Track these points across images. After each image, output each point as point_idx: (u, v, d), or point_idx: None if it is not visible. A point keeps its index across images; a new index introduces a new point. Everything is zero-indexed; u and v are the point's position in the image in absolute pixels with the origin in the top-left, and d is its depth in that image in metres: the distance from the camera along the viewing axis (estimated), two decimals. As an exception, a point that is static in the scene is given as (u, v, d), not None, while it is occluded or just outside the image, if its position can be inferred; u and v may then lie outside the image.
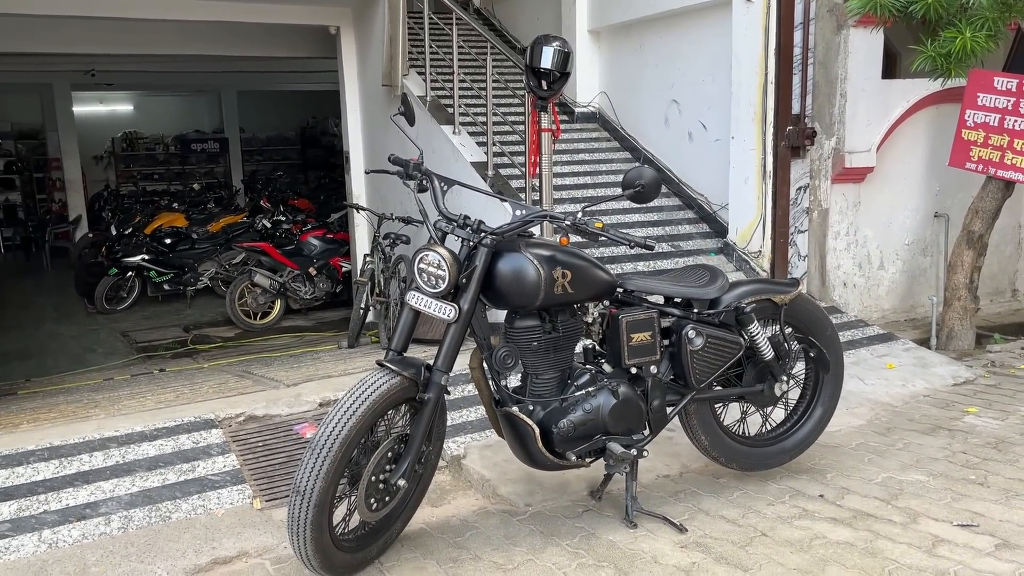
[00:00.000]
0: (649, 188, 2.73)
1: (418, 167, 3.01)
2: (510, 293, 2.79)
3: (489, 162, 5.82)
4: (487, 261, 2.76)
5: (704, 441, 3.23)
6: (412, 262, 2.77)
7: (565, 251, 2.87)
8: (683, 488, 3.38)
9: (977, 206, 5.45)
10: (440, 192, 2.95)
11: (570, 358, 2.98)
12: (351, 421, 2.54)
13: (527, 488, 3.35)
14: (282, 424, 3.90)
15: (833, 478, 3.42)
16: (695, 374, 3.02)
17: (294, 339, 9.07)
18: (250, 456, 3.62)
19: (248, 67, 13.81)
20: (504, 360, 2.84)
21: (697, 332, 3.00)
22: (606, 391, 2.93)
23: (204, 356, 8.19)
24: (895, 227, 6.04)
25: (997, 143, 5.37)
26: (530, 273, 2.76)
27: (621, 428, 2.94)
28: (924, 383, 4.57)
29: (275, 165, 18.78)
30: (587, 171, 6.81)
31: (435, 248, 2.72)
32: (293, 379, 4.68)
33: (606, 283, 2.96)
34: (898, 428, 3.98)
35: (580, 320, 2.98)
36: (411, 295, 2.80)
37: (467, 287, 2.74)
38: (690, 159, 6.55)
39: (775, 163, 5.49)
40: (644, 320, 2.97)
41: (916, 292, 6.19)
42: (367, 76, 8.13)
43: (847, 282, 5.94)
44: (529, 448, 2.89)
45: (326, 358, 6.03)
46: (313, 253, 9.94)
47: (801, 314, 3.32)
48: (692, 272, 3.21)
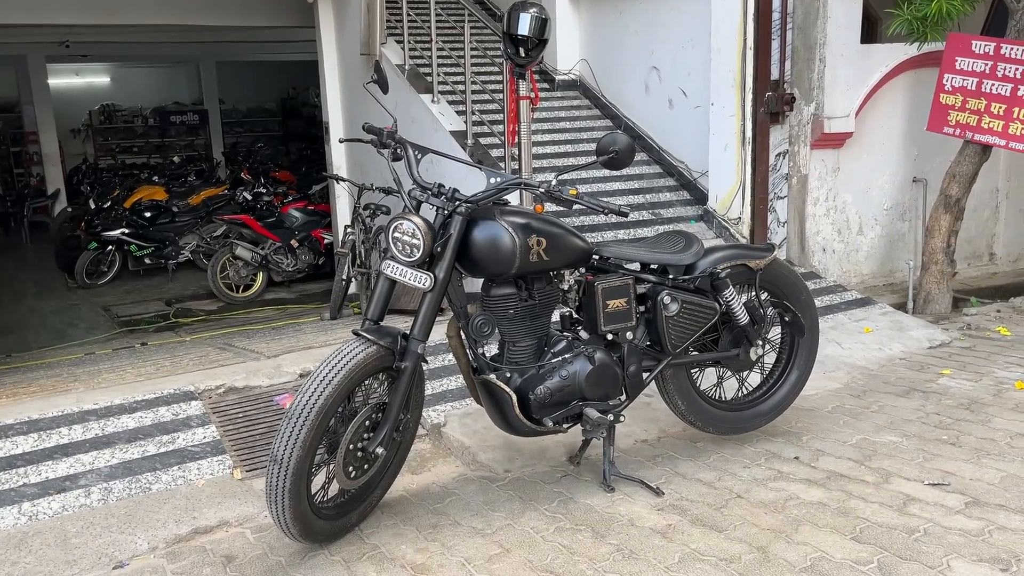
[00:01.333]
0: (623, 154, 2.73)
1: (392, 135, 2.99)
2: (485, 261, 2.80)
3: (468, 131, 5.79)
4: (462, 229, 2.76)
5: (681, 406, 3.26)
6: (386, 231, 2.77)
7: (540, 219, 2.87)
8: (661, 452, 3.42)
9: (954, 170, 5.48)
10: (414, 160, 2.93)
11: (547, 325, 3.00)
12: (327, 390, 2.55)
13: (506, 455, 3.38)
14: (262, 395, 3.91)
15: (808, 440, 3.47)
16: (671, 340, 3.04)
17: (276, 311, 9.05)
18: (230, 427, 3.63)
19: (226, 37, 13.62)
20: (481, 328, 2.85)
21: (672, 298, 3.02)
22: (582, 357, 2.95)
23: (186, 330, 8.16)
24: (874, 192, 6.07)
25: (974, 107, 5.38)
26: (505, 241, 2.76)
27: (598, 394, 2.97)
28: (900, 346, 4.62)
29: (256, 137, 18.60)
30: (568, 139, 6.79)
31: (409, 217, 2.71)
32: (273, 351, 4.68)
33: (581, 250, 2.97)
34: (874, 391, 4.03)
35: (556, 288, 2.99)
36: (386, 264, 2.80)
37: (442, 256, 2.74)
38: (670, 126, 6.54)
39: (754, 129, 5.49)
40: (619, 287, 2.99)
41: (895, 257, 6.24)
42: (345, 45, 8.04)
43: (826, 247, 5.98)
44: (507, 415, 2.91)
45: (308, 330, 6.03)
46: (295, 225, 9.88)
47: (776, 279, 3.34)
48: (668, 238, 3.22)
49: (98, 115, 17.74)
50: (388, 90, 3.09)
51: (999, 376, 4.12)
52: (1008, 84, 5.24)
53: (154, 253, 10.66)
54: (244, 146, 17.52)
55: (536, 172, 5.65)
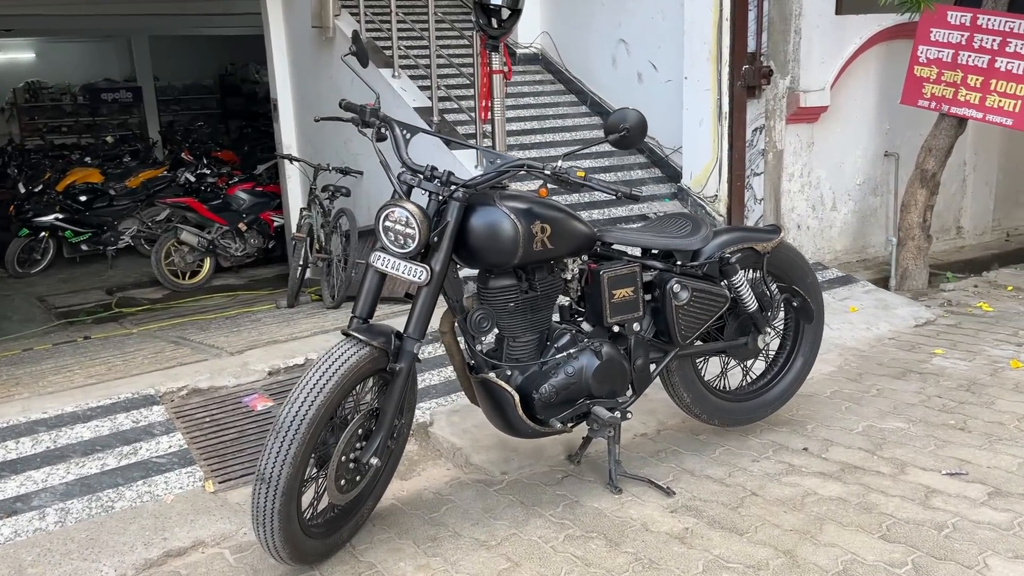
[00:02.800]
0: (634, 131, 2.50)
1: (375, 113, 2.72)
2: (485, 250, 2.56)
3: (434, 107, 5.50)
4: (459, 216, 2.51)
5: (686, 398, 3.08)
6: (376, 220, 2.51)
7: (543, 203, 2.64)
8: (663, 447, 3.24)
9: (930, 144, 5.40)
10: (403, 141, 2.67)
11: (549, 318, 2.78)
12: (318, 399, 2.29)
13: (501, 455, 3.17)
14: (229, 396, 3.62)
15: (814, 429, 3.33)
16: (680, 330, 2.85)
17: (227, 299, 8.65)
18: (197, 433, 3.33)
19: (159, 10, 12.97)
20: (480, 323, 2.62)
21: (682, 286, 2.82)
22: (588, 352, 2.74)
23: (131, 320, 7.73)
24: (847, 167, 5.97)
25: (950, 79, 5.30)
26: (506, 228, 2.53)
27: (605, 390, 2.76)
28: (887, 325, 4.53)
29: (194, 115, 17.87)
30: (533, 115, 6.54)
31: (402, 203, 2.46)
32: (236, 346, 4.37)
33: (585, 236, 2.75)
34: (869, 373, 3.91)
35: (558, 277, 2.77)
36: (376, 256, 2.54)
37: (438, 246, 2.49)
38: (640, 101, 6.32)
39: (731, 104, 5.32)
40: (626, 275, 2.78)
41: (867, 232, 6.17)
42: (294, 17, 7.63)
43: (801, 224, 5.87)
44: (508, 416, 2.69)
45: (266, 320, 5.71)
46: (242, 207, 9.46)
47: (783, 262, 3.17)
48: (672, 221, 3.02)
49: (23, 93, 16.81)
50: (368, 62, 2.81)
51: (992, 355, 4.04)
52: (985, 56, 5.16)
53: (91, 239, 10.12)
54: (181, 125, 16.80)
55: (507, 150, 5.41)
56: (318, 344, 4.08)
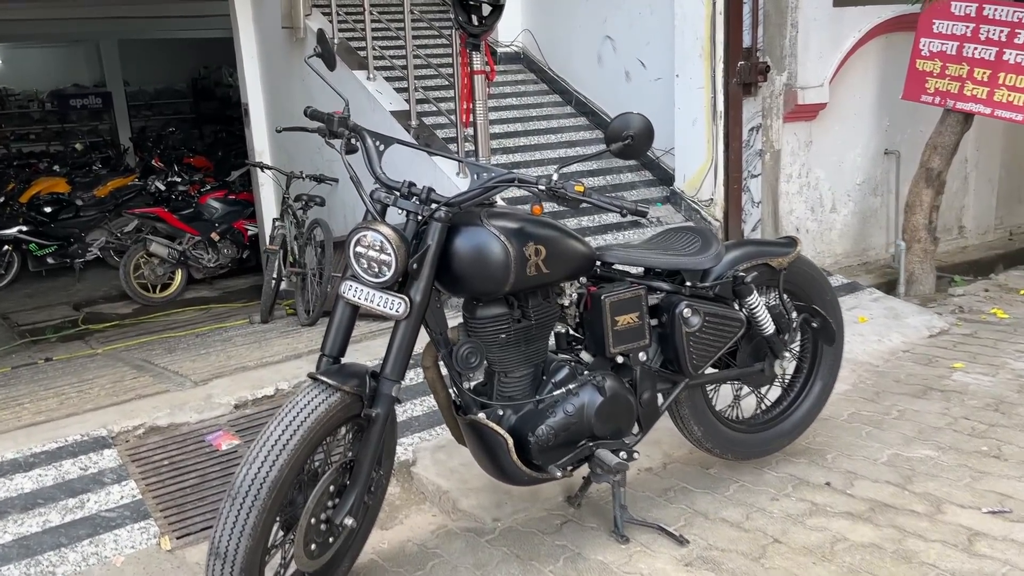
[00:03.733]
0: (640, 139, 2.20)
1: (344, 122, 2.40)
2: (472, 277, 2.25)
3: (412, 110, 5.17)
4: (442, 239, 2.20)
5: (697, 432, 2.78)
6: (347, 245, 2.19)
7: (537, 222, 2.33)
8: (671, 484, 2.94)
9: (935, 141, 5.14)
10: (376, 153, 2.35)
11: (544, 349, 2.47)
12: (282, 457, 1.97)
13: (493, 499, 2.85)
14: (191, 435, 3.28)
15: (835, 459, 3.04)
16: (692, 359, 2.54)
17: (200, 312, 8.28)
18: (154, 479, 3.00)
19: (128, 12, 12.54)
20: (467, 359, 2.31)
21: (693, 310, 2.52)
22: (590, 387, 2.43)
23: (98, 338, 7.35)
24: (846, 166, 5.70)
25: (955, 73, 5.04)
26: (496, 251, 2.21)
27: (609, 430, 2.46)
28: (900, 336, 4.25)
29: (166, 120, 17.40)
30: (516, 117, 6.23)
31: (375, 226, 2.14)
32: (201, 373, 4.02)
33: (584, 257, 2.44)
34: (887, 392, 3.63)
35: (554, 303, 2.46)
36: (347, 287, 2.22)
37: (419, 273, 2.17)
38: (627, 100, 6.03)
39: (726, 102, 5.03)
40: (631, 299, 2.47)
41: (867, 234, 5.90)
42: (264, 18, 7.28)
43: (800, 227, 5.59)
44: (501, 462, 2.38)
45: (237, 339, 5.36)
46: (214, 217, 9.09)
47: (800, 279, 2.88)
48: (678, 237, 2.71)
49: (-12, 100, 16.31)
50: (335, 65, 2.49)
51: (1016, 369, 3.77)
52: (992, 48, 4.90)
53: (57, 252, 9.70)
54: (153, 131, 16.34)
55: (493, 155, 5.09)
56: (289, 371, 3.75)
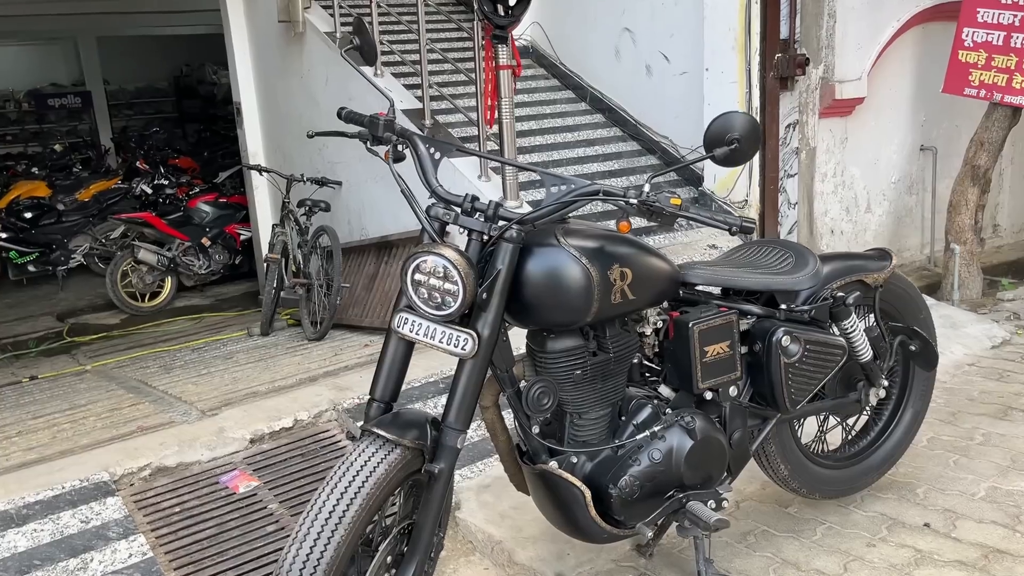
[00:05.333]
0: (747, 143, 1.88)
1: (391, 125, 2.06)
2: (548, 307, 1.92)
3: (426, 108, 4.82)
4: (514, 262, 1.86)
5: (783, 471, 2.46)
6: (404, 270, 1.85)
7: (619, 239, 2.00)
8: (750, 527, 2.62)
9: (982, 137, 4.85)
10: (431, 163, 2.01)
11: (622, 386, 2.14)
12: (338, 533, 1.64)
13: (553, 550, 2.52)
14: (204, 475, 2.93)
15: (927, 494, 2.73)
16: (790, 393, 2.22)
17: (192, 322, 7.90)
18: (165, 532, 2.65)
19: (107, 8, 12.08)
20: (539, 400, 1.98)
21: (792, 337, 2.20)
22: (677, 429, 2.11)
23: (85, 352, 6.96)
24: (882, 164, 5.41)
25: (1002, 64, 4.75)
26: (577, 276, 1.89)
27: (700, 477, 2.13)
28: (962, 348, 3.96)
29: (148, 120, 16.90)
30: (529, 115, 5.88)
31: (438, 249, 1.80)
32: (207, 400, 3.67)
33: (670, 279, 2.12)
34: (964, 412, 3.33)
35: (634, 332, 2.14)
36: (402, 320, 1.88)
37: (487, 303, 1.84)
38: (649, 97, 5.72)
39: (763, 98, 4.72)
40: (722, 326, 2.15)
41: (902, 235, 5.62)
42: (258, 12, 6.89)
43: (834, 229, 5.30)
44: (576, 517, 2.05)
45: (240, 356, 5.00)
46: (205, 221, 8.70)
47: (895, 296, 2.57)
48: (766, 252, 2.40)
49: (-37, 102, 15.76)
50: (376, 58, 2.15)
51: (1098, 384, 3.49)
52: (1043, 37, 4.62)
53: (39, 259, 9.25)
54: (136, 130, 15.84)
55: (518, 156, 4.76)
56: (307, 399, 3.40)
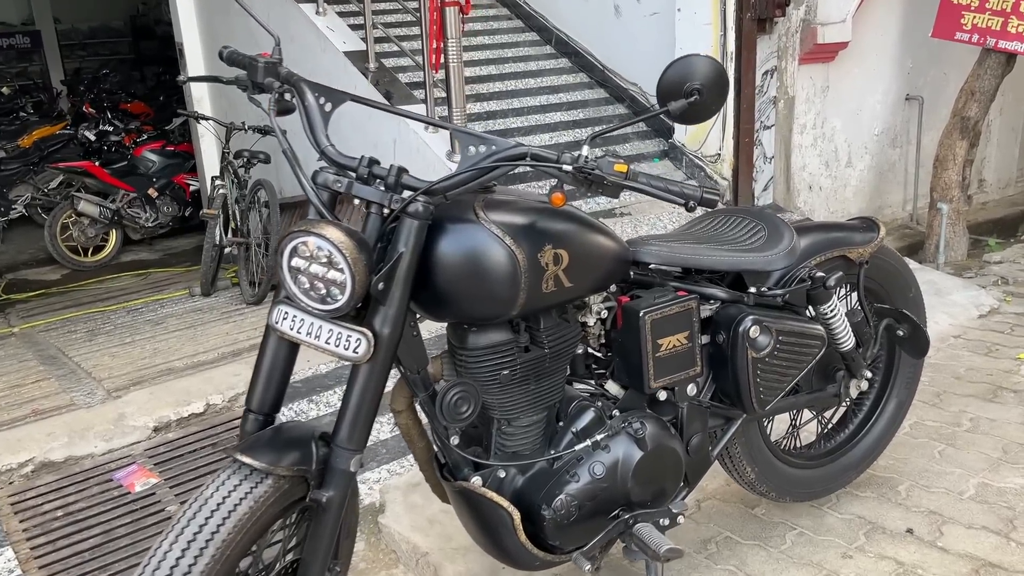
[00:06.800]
0: (711, 94, 1.52)
1: (273, 69, 1.66)
2: (464, 298, 1.56)
3: (370, 51, 4.38)
4: (420, 243, 1.50)
5: (750, 474, 2.15)
6: (279, 254, 1.48)
7: (557, 215, 1.63)
8: (711, 533, 2.31)
9: (972, 86, 4.50)
10: (320, 115, 1.62)
11: (560, 387, 1.79)
12: (181, 594, 1.29)
13: (485, 563, 2.20)
14: (95, 472, 2.58)
15: (909, 492, 2.44)
16: (759, 392, 1.89)
17: (137, 278, 7.45)
18: (43, 542, 2.30)
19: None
20: (456, 407, 1.63)
21: (762, 327, 1.85)
22: (625, 437, 1.77)
23: (20, 311, 6.53)
24: (864, 115, 5.05)
25: (997, 6, 4.38)
26: (499, 260, 1.53)
27: (650, 493, 1.81)
28: (947, 318, 3.66)
29: (103, 61, 16.12)
30: (489, 59, 5.45)
31: (319, 228, 1.42)
32: (118, 376, 3.30)
33: (618, 260, 1.76)
34: (950, 393, 3.04)
35: (575, 323, 1.78)
36: (281, 314, 1.51)
37: (387, 295, 1.47)
38: (617, 40, 5.29)
39: (739, 41, 4.32)
40: (679, 314, 1.80)
41: (884, 190, 5.30)
42: (196, -57, 6.34)
43: (813, 184, 4.96)
44: (504, 542, 1.73)
45: (171, 322, 4.61)
46: (151, 171, 8.19)
47: (881, 273, 2.23)
48: (733, 223, 2.03)
49: (-98, 41, 14.91)
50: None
51: (1094, 360, 3.20)
52: (1044, -23, 4.24)
53: (-23, 210, 8.73)
54: (89, 73, 15.10)
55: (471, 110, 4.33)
56: (223, 380, 3.04)
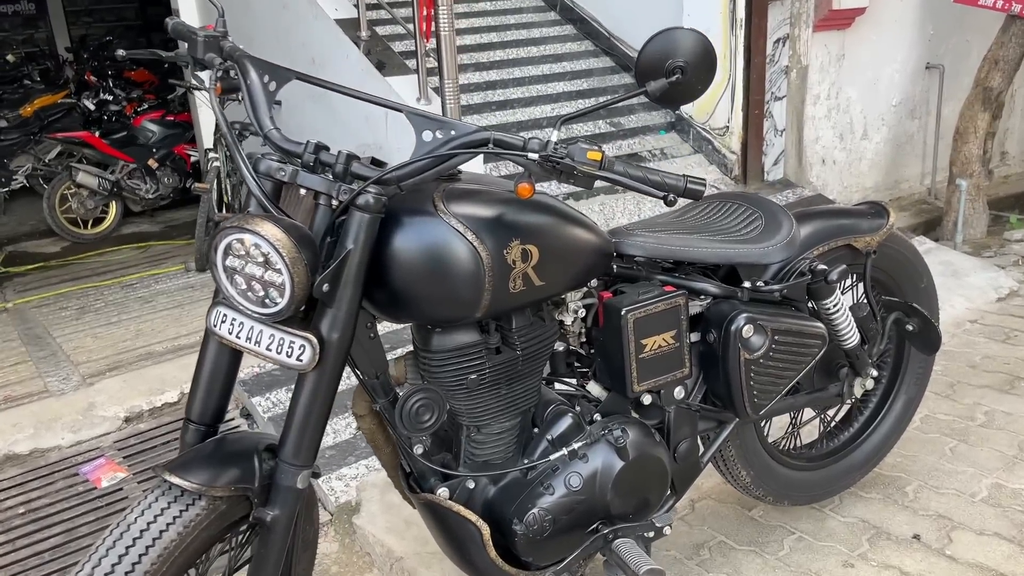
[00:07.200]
0: (696, 72, 1.36)
1: (216, 44, 1.51)
2: (421, 299, 1.41)
3: (361, 18, 4.18)
4: (371, 238, 1.35)
5: (745, 477, 2.01)
6: (212, 250, 1.33)
7: (527, 206, 1.48)
8: (705, 537, 2.18)
9: (996, 55, 4.28)
10: (264, 94, 1.47)
11: (535, 390, 1.65)
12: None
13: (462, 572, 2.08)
14: (61, 465, 2.47)
15: (917, 494, 2.29)
16: (752, 396, 1.74)
17: (138, 251, 7.36)
18: (2, 541, 2.19)
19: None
20: (418, 415, 1.49)
21: (756, 326, 1.70)
22: (604, 446, 1.63)
23: (17, 285, 6.46)
24: (882, 85, 4.83)
25: (1024, -30, 4.14)
26: (459, 259, 1.38)
27: (632, 506, 1.67)
28: (964, 301, 3.48)
29: (109, 28, 15.94)
30: (489, 26, 5.25)
31: (254, 224, 1.27)
32: (97, 361, 3.19)
33: (597, 253, 1.60)
34: (964, 383, 2.87)
35: (551, 322, 1.63)
36: (219, 316, 1.38)
37: (334, 296, 1.33)
38: (625, 6, 5.07)
39: (749, 7, 4.11)
40: (665, 312, 1.65)
41: (901, 164, 5.08)
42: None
43: (826, 158, 4.75)
44: (473, 558, 1.61)
45: (160, 300, 4.49)
46: (151, 141, 8.06)
47: (890, 263, 2.06)
48: (728, 211, 1.87)
49: (-93, 8, 14.76)
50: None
51: (1119, 348, 3.03)
52: (1075, -63, 3.99)
53: (-23, 181, 8.65)
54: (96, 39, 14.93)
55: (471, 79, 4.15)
56: (203, 365, 2.91)
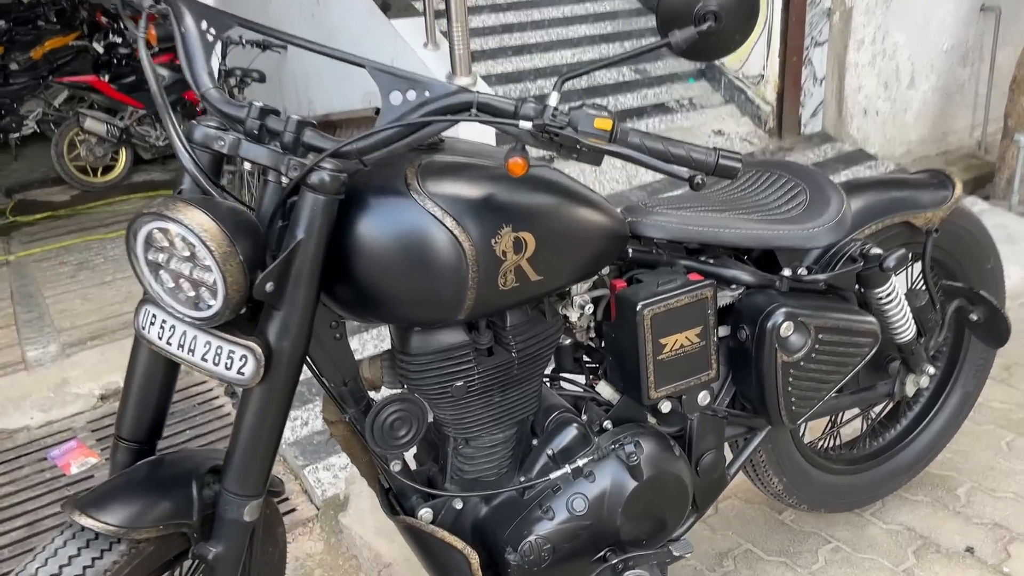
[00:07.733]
0: (732, 19, 1.07)
1: (148, -19, 1.25)
2: (392, 297, 1.16)
3: (367, -45, 3.87)
4: (329, 224, 1.09)
5: (777, 484, 1.77)
6: (128, 236, 1.09)
7: (522, 183, 1.21)
8: (730, 545, 1.95)
9: (1063, -5, 3.88)
10: (201, 43, 1.21)
11: (534, 396, 1.40)
12: None
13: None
14: (30, 447, 2.28)
15: (970, 497, 2.04)
16: (789, 403, 1.48)
17: (147, 200, 7.20)
18: (-43, 535, 2.02)
19: None
20: (393, 428, 1.25)
21: (796, 322, 1.44)
22: (615, 462, 1.39)
23: (24, 235, 6.30)
24: (932, 28, 4.44)
25: (1100, -101, 3.72)
26: (436, 250, 1.12)
27: (645, 531, 1.43)
28: (1020, 270, 3.17)
29: (125, -34, 15.56)
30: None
31: (176, 210, 1.03)
32: (80, 327, 2.99)
33: (609, 237, 1.34)
34: (1021, 365, 2.60)
35: (554, 319, 1.38)
36: (148, 316, 1.15)
37: (282, 297, 1.08)
38: (652, -60, 4.70)
39: (789, -59, 3.74)
40: (688, 306, 1.39)
41: (949, 115, 4.71)
42: None
43: (868, 109, 4.40)
44: (461, 587, 1.38)
45: (159, 257, 4.30)
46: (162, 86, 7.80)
47: (952, 241, 1.78)
48: (766, 182, 1.59)
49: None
50: None
51: None
52: None
53: (-11, 126, 8.47)
54: (111, -22, 14.60)
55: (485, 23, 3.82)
56: (187, 336, 2.70)
